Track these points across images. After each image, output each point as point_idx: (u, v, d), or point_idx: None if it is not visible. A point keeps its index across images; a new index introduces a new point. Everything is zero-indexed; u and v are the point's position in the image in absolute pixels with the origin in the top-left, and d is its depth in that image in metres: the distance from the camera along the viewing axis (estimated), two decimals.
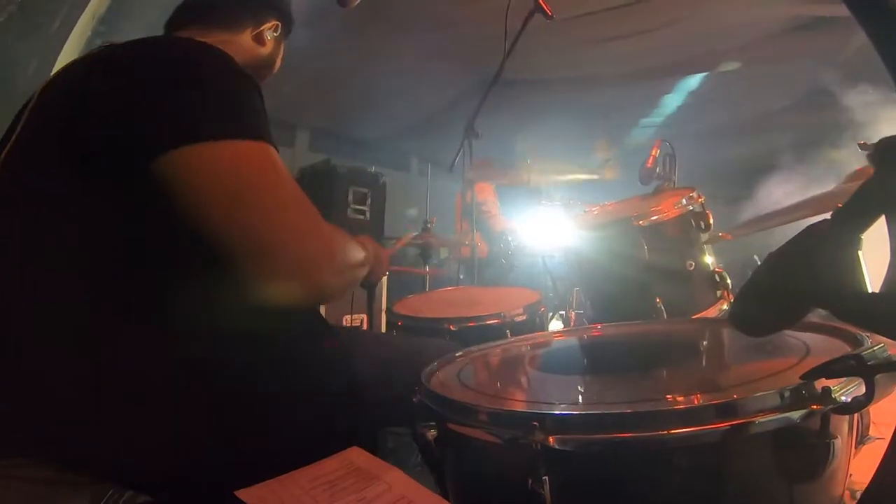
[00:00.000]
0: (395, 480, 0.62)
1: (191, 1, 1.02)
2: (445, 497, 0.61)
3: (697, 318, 1.46)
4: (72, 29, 2.45)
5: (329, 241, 0.74)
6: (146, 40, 0.82)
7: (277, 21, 1.06)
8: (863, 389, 0.54)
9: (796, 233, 0.57)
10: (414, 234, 2.05)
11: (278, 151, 0.75)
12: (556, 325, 2.23)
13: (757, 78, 4.47)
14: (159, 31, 1.05)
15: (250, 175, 0.69)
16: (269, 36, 1.04)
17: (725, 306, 1.50)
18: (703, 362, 0.87)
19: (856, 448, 0.68)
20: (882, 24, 0.48)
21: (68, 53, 2.44)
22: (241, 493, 0.59)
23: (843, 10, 0.50)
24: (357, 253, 0.84)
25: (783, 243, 0.58)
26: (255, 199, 0.68)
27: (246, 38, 1.02)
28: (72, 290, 0.69)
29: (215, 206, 0.67)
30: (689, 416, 0.55)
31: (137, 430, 0.67)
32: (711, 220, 1.56)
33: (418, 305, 1.75)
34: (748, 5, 3.66)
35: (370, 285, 1.53)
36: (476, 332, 1.43)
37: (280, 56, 1.10)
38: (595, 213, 1.94)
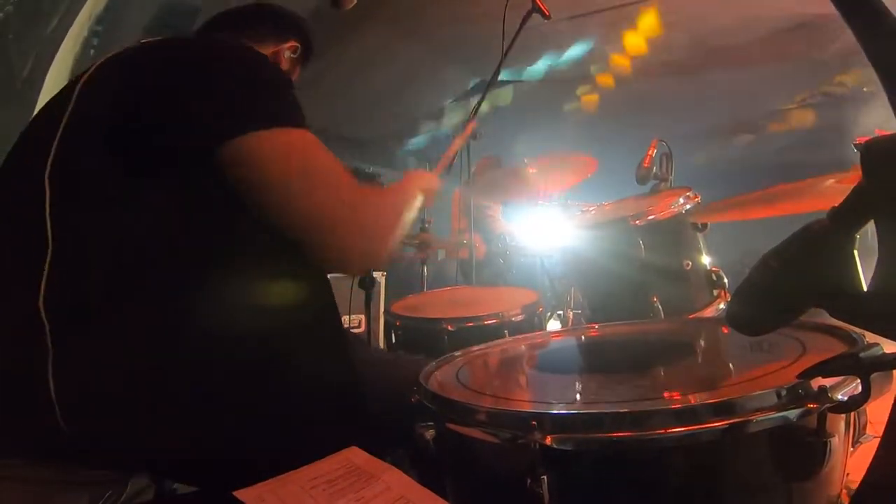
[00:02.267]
0: (394, 480, 0.62)
1: (221, 13, 1.04)
2: (444, 497, 0.61)
3: (694, 318, 1.46)
4: (69, 28, 2.45)
5: (383, 208, 0.86)
6: (190, 38, 0.88)
7: (298, 43, 1.07)
8: (859, 388, 0.54)
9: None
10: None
11: None
12: (553, 324, 2.23)
13: (754, 77, 4.48)
14: (156, 32, 1.06)
15: (309, 157, 0.77)
16: (286, 55, 1.06)
17: (722, 305, 1.51)
18: (700, 361, 0.87)
19: (853, 447, 0.68)
20: (868, 23, 0.48)
21: (65, 53, 2.43)
22: (240, 493, 0.59)
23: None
24: (404, 202, 0.93)
25: (779, 242, 0.58)
26: (319, 179, 0.76)
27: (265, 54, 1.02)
28: (99, 286, 0.69)
29: (285, 188, 0.74)
30: (686, 416, 0.55)
31: (136, 430, 0.67)
32: (707, 220, 1.56)
33: (417, 306, 1.76)
34: (746, 5, 3.68)
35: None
36: (474, 333, 1.43)
37: (294, 78, 1.11)
38: (592, 212, 1.95)
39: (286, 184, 0.74)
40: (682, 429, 0.54)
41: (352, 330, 2.44)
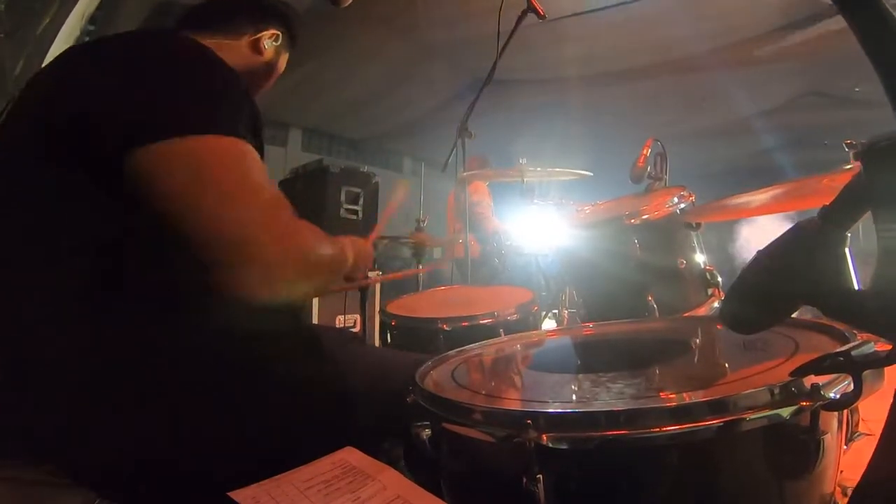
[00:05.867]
0: (390, 480, 0.62)
1: (196, 6, 1.02)
2: (440, 496, 0.61)
3: (689, 316, 1.47)
4: (60, 28, 2.43)
5: (296, 239, 0.73)
6: (125, 35, 0.82)
7: (278, 31, 1.04)
8: (851, 386, 0.55)
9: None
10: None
11: (261, 147, 0.75)
12: (549, 323, 2.24)
13: (750, 78, 4.50)
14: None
15: (214, 169, 0.69)
16: (267, 45, 1.02)
17: (716, 304, 1.51)
18: (695, 360, 0.87)
19: (846, 445, 0.68)
20: (871, 22, 0.48)
21: (56, 52, 2.41)
22: (235, 494, 0.58)
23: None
24: (327, 250, 0.79)
25: (771, 241, 0.59)
26: (215, 195, 0.68)
27: (242, 44, 1.00)
28: (57, 289, 0.68)
29: (179, 200, 0.67)
30: (680, 414, 0.55)
31: (131, 431, 0.66)
32: (702, 219, 1.57)
33: (412, 305, 1.75)
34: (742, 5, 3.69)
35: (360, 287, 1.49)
36: (470, 332, 1.43)
37: (280, 65, 1.08)
38: (587, 212, 1.95)
39: (190, 194, 0.67)
40: (677, 427, 0.54)
41: (349, 329, 2.44)
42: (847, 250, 0.55)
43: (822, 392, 0.55)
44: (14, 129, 0.76)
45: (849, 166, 1.07)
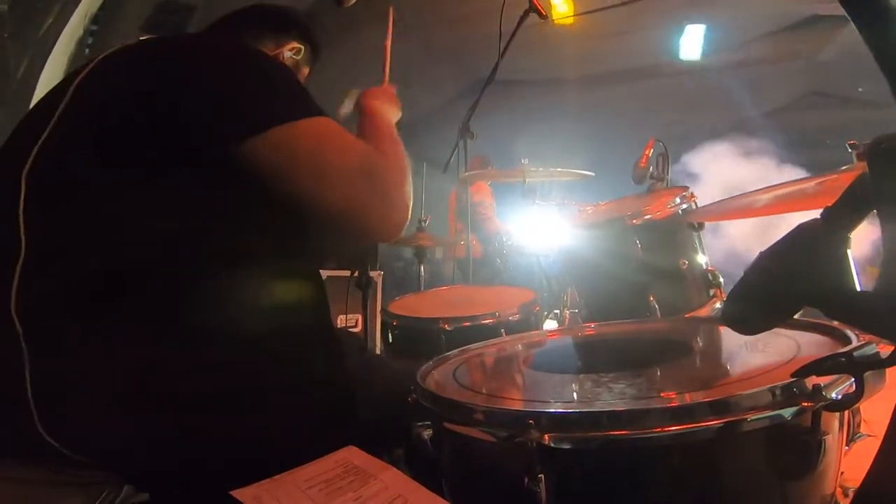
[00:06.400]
0: (392, 479, 0.62)
1: (219, 18, 1.03)
2: (441, 496, 0.61)
3: (690, 317, 1.46)
4: (63, 27, 2.44)
5: (401, 181, 0.85)
6: (194, 35, 0.90)
7: (300, 45, 1.05)
8: (853, 387, 0.55)
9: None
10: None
11: None
12: (550, 324, 2.24)
13: (751, 78, 4.49)
14: (151, 31, 1.05)
15: (331, 145, 0.79)
16: (286, 56, 1.03)
17: (718, 304, 1.51)
18: (696, 360, 0.87)
19: (847, 445, 0.68)
20: (875, 21, 0.48)
21: (59, 52, 2.42)
22: (237, 493, 0.59)
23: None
24: (402, 161, 0.93)
25: (774, 242, 0.59)
26: (339, 165, 0.78)
27: None
28: (78, 286, 0.68)
29: (308, 178, 0.76)
30: (682, 414, 0.55)
31: (134, 429, 0.67)
32: (704, 220, 1.57)
33: (413, 305, 1.76)
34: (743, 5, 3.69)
35: None
36: (471, 332, 1.43)
37: (301, 79, 1.09)
38: (589, 212, 1.95)
39: (321, 170, 0.76)
40: (678, 427, 0.55)
41: (349, 329, 2.44)
42: (849, 251, 0.55)
43: (823, 393, 0.55)
44: (72, 131, 0.76)
45: (845, 167, 1.06)
